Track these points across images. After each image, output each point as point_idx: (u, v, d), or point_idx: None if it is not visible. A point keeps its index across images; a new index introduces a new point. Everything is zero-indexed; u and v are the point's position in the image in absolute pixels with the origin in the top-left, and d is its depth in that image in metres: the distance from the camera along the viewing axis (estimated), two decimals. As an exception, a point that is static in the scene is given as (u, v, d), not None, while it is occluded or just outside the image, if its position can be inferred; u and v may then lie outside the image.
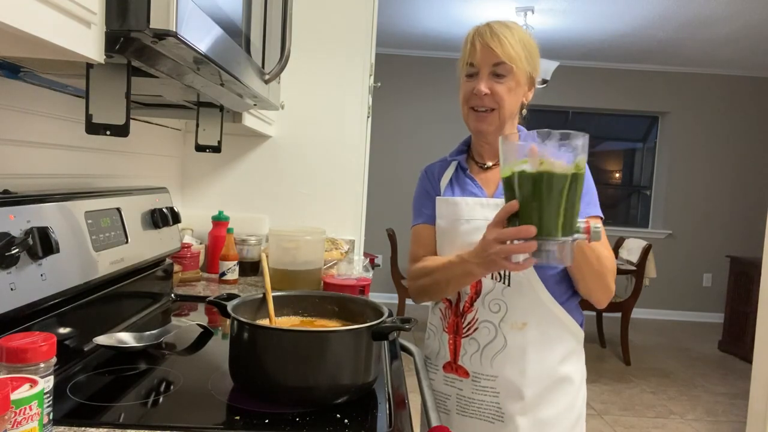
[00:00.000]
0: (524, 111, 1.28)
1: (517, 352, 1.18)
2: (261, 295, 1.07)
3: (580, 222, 0.97)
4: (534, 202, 0.96)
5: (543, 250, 0.96)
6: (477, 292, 1.22)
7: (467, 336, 1.23)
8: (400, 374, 1.06)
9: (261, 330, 0.92)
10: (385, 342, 1.02)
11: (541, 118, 6.00)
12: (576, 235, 0.97)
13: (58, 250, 0.92)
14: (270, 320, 1.04)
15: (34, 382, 0.59)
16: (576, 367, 1.25)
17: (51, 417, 0.66)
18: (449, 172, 1.31)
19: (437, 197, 1.30)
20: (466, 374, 1.23)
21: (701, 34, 4.69)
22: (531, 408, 1.19)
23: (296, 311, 1.10)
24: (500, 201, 1.16)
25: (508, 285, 1.18)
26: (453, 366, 1.25)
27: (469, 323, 1.22)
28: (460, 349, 1.24)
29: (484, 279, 1.20)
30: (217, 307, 0.98)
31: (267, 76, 1.22)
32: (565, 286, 1.22)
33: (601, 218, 1.21)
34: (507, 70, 1.17)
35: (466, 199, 1.24)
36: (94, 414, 0.83)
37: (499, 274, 1.19)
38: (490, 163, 1.28)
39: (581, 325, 1.26)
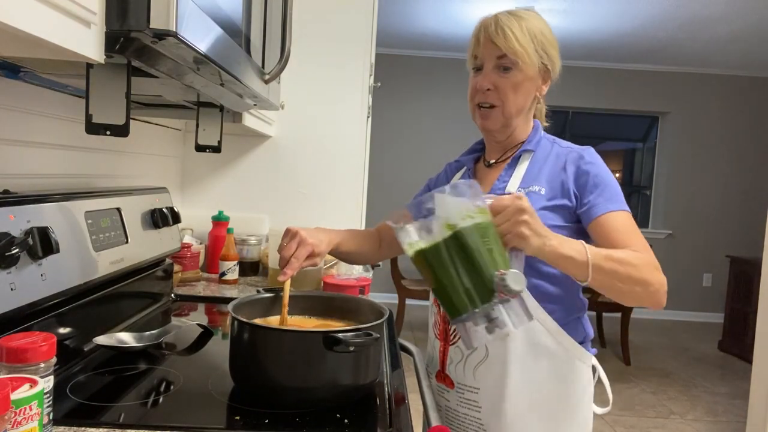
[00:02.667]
0: (540, 104, 1.24)
1: (498, 364, 1.10)
2: (261, 295, 1.07)
3: (496, 277, 0.83)
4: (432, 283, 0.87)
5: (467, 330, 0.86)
6: None
7: (453, 344, 1.17)
8: (400, 374, 1.06)
9: (261, 330, 0.92)
10: (385, 342, 1.02)
11: (541, 118, 5.99)
12: (494, 300, 0.83)
13: (58, 250, 0.92)
14: (282, 320, 1.03)
15: (34, 382, 0.59)
16: (571, 386, 1.14)
17: (51, 417, 0.66)
18: (460, 173, 1.30)
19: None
20: (452, 384, 1.17)
21: (701, 34, 4.69)
22: (512, 427, 1.11)
23: (297, 311, 1.10)
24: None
25: None
26: (442, 375, 1.20)
27: (455, 330, 1.16)
28: (447, 358, 1.18)
29: None
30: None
31: (267, 76, 1.22)
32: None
33: (628, 212, 1.21)
34: (512, 62, 1.12)
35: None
36: (94, 414, 0.83)
37: None
38: (492, 161, 1.25)
39: (584, 342, 1.17)
